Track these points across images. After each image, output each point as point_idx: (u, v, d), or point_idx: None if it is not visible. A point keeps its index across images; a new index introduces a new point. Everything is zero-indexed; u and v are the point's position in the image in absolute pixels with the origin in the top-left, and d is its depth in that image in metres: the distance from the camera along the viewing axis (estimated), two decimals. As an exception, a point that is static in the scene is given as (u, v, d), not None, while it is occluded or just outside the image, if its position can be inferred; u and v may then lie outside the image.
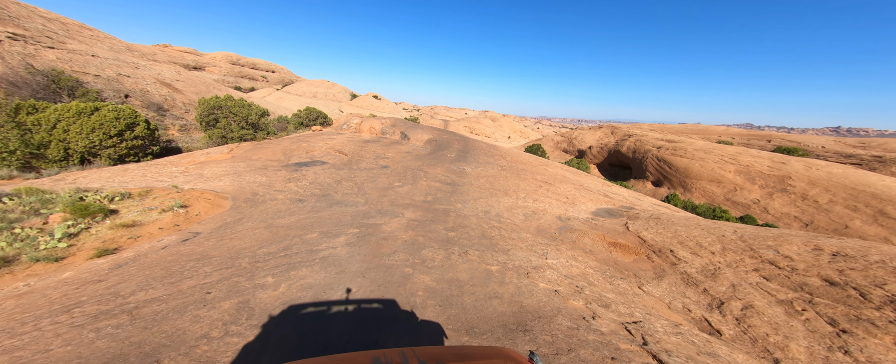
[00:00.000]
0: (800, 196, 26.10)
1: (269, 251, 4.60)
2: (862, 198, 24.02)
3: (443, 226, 6.85)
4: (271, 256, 4.45)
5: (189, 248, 4.92)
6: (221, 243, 4.96)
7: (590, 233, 8.22)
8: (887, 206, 22.85)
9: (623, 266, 6.57)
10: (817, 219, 23.95)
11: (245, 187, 8.89)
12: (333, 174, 10.67)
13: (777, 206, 25.49)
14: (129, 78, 23.63)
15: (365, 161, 12.58)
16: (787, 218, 24.73)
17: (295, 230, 5.58)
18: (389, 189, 9.50)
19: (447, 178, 11.08)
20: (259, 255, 4.45)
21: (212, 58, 68.28)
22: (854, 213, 23.20)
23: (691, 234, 7.61)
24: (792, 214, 24.79)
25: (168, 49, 65.99)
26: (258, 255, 4.45)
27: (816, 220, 23.94)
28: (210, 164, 10.73)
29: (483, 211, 8.73)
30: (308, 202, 7.93)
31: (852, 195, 24.38)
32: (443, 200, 9.00)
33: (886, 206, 22.89)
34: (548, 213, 9.47)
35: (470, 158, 14.04)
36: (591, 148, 39.69)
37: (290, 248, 4.71)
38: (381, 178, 10.49)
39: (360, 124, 19.37)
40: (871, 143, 30.86)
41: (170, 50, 65.87)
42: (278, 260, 4.31)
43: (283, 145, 13.65)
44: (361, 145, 14.78)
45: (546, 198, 10.80)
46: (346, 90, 70.25)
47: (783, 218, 24.93)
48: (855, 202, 23.98)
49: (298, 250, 4.65)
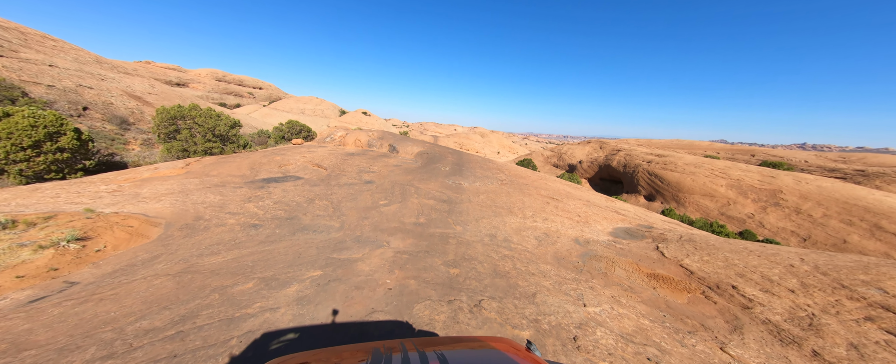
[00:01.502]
0: (794, 210, 25.48)
1: (154, 324, 2.66)
2: (855, 212, 23.48)
3: (441, 259, 5.03)
4: (150, 336, 2.52)
5: (20, 317, 2.92)
6: (84, 308, 2.98)
7: (619, 261, 6.55)
8: (881, 220, 22.29)
9: (680, 311, 4.88)
10: (814, 234, 23.14)
11: (188, 210, 6.87)
12: (306, 191, 8.75)
13: (772, 221, 24.73)
14: (91, 90, 21.30)
15: (346, 175, 10.70)
16: (784, 233, 23.89)
17: (221, 277, 3.65)
18: (373, 209, 7.65)
19: (442, 195, 9.33)
20: (127, 336, 2.52)
21: (196, 74, 65.95)
22: (850, 228, 22.51)
23: (748, 263, 6.04)
24: (788, 229, 24.00)
25: (150, 65, 63.39)
26: (126, 336, 2.52)
27: (814, 235, 23.11)
28: (154, 181, 8.64)
29: (488, 234, 6.96)
30: (265, 228, 6.00)
31: (845, 209, 23.85)
32: (439, 222, 7.20)
33: (881, 220, 22.33)
34: (563, 236, 7.79)
35: (466, 172, 12.38)
36: (581, 162, 38.98)
37: (196, 316, 2.80)
38: (363, 196, 8.63)
39: (344, 137, 17.58)
40: (850, 158, 31.19)
41: (152, 66, 63.27)
42: (158, 347, 2.38)
43: (253, 159, 11.66)
44: (344, 158, 12.93)
45: (556, 216, 9.15)
46: (335, 106, 68.73)
47: (780, 233, 24.10)
48: (849, 216, 23.39)
49: (208, 320, 2.74)
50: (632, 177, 33.60)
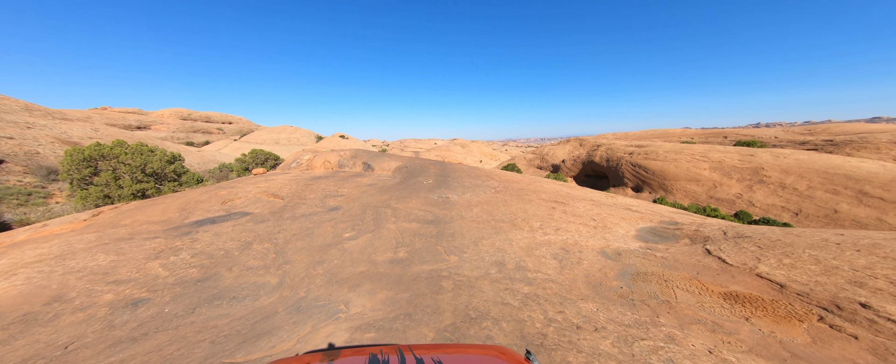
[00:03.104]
0: (779, 185, 25.08)
1: None
2: (837, 180, 23.22)
3: (434, 326, 2.96)
4: None
5: None
6: None
7: (673, 277, 4.69)
8: (864, 185, 22.02)
9: (811, 358, 3.04)
10: (805, 207, 22.57)
11: (49, 286, 4.47)
12: (246, 232, 6.45)
13: (761, 198, 24.16)
14: (11, 140, 18.01)
15: (306, 204, 8.46)
16: (775, 209, 23.27)
17: None
18: (334, 246, 5.49)
19: (427, 214, 7.29)
20: None
21: (159, 115, 61.65)
22: (837, 197, 22.07)
23: (852, 262, 4.33)
24: (778, 205, 23.40)
25: (106, 111, 58.67)
26: None
27: (804, 208, 22.54)
28: (27, 244, 6.11)
29: (494, 262, 4.95)
30: (150, 306, 3.72)
31: (827, 179, 23.58)
32: (425, 254, 5.12)
33: (864, 185, 22.06)
34: (585, 249, 5.89)
35: (452, 183, 10.41)
36: (564, 161, 38.12)
37: None
38: (323, 229, 6.45)
39: (312, 160, 15.31)
40: (816, 129, 31.83)
41: (108, 112, 58.56)
42: None
43: (189, 197, 9.20)
44: (308, 183, 10.68)
45: (568, 223, 7.29)
46: (311, 133, 65.90)
47: (771, 210, 23.47)
48: (832, 185, 23.08)
49: None
50: (616, 170, 32.85)
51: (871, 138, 25.69)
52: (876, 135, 26.20)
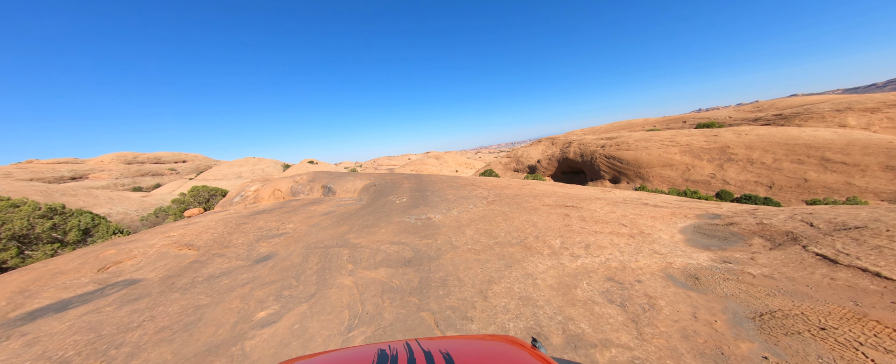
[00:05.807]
0: (747, 161, 25.16)
1: None
2: (799, 150, 23.59)
3: None
4: None
5: None
6: None
7: (819, 317, 2.62)
8: (825, 152, 22.42)
9: None
10: (776, 179, 22.53)
11: None
12: (85, 332, 3.67)
13: (733, 176, 24.04)
14: None
15: (225, 256, 5.70)
16: (749, 184, 23.11)
17: None
18: (225, 348, 2.91)
19: (403, 249, 4.87)
20: None
21: (98, 162, 54.11)
22: (803, 166, 22.26)
23: None
24: (751, 180, 23.29)
25: (32, 164, 50.46)
26: None
27: (776, 180, 22.49)
28: None
29: (525, 331, 2.59)
30: None
31: (790, 150, 23.91)
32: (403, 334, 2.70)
33: (824, 152, 22.45)
34: (642, 275, 3.75)
35: (433, 198, 8.05)
36: (540, 161, 37.17)
37: None
38: (224, 304, 3.81)
39: (259, 190, 12.31)
40: (763, 106, 33.36)
41: (35, 165, 50.39)
42: None
43: (47, 270, 6.06)
44: (241, 223, 7.83)
45: (596, 235, 5.19)
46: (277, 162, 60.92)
47: (745, 185, 23.30)
48: (796, 156, 23.37)
49: None
50: (591, 164, 32.21)
51: (815, 108, 26.75)
52: (817, 105, 27.37)
